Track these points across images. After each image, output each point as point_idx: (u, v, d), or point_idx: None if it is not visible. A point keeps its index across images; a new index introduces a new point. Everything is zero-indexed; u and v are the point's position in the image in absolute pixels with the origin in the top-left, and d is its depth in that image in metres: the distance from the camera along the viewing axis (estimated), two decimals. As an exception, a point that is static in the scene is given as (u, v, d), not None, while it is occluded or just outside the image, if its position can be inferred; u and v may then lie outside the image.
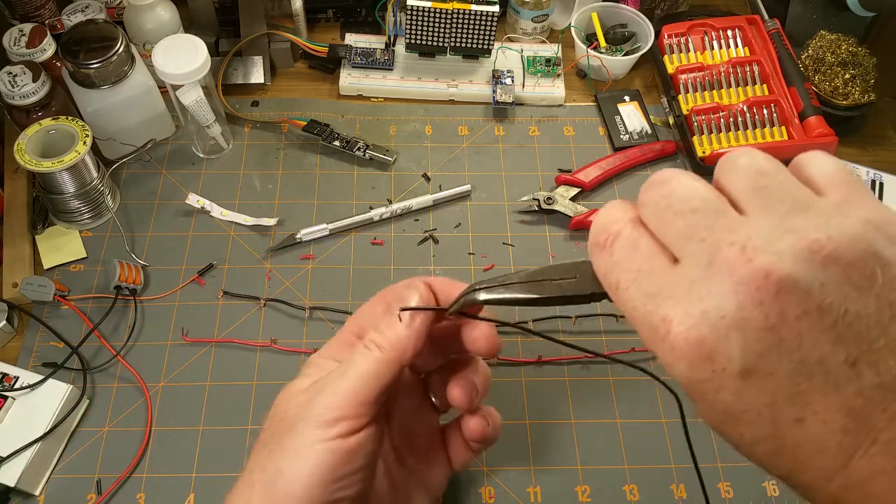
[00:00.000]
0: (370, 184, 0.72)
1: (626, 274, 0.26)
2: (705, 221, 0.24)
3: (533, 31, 0.84)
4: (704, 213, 0.24)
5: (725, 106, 0.73)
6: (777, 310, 0.22)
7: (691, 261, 0.24)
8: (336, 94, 0.80)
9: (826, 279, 0.22)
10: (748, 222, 0.24)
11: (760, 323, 0.22)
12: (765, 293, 0.22)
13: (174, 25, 0.73)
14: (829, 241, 0.22)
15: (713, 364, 0.23)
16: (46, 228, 0.67)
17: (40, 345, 0.61)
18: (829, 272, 0.22)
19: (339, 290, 0.65)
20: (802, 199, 0.24)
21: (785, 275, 0.22)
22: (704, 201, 0.25)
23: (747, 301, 0.22)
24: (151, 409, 0.58)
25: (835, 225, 0.23)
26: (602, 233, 0.27)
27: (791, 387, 0.23)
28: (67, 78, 0.67)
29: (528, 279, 0.32)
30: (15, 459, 0.53)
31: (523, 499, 0.55)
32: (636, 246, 0.26)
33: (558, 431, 0.58)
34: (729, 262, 0.23)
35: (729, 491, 0.56)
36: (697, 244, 0.24)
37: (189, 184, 0.71)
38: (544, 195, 0.70)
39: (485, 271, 0.66)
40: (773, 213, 0.24)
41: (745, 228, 0.23)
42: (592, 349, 0.40)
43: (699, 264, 0.24)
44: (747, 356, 0.23)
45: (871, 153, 0.77)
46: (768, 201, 0.24)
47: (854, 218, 0.23)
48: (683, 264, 0.24)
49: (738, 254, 0.23)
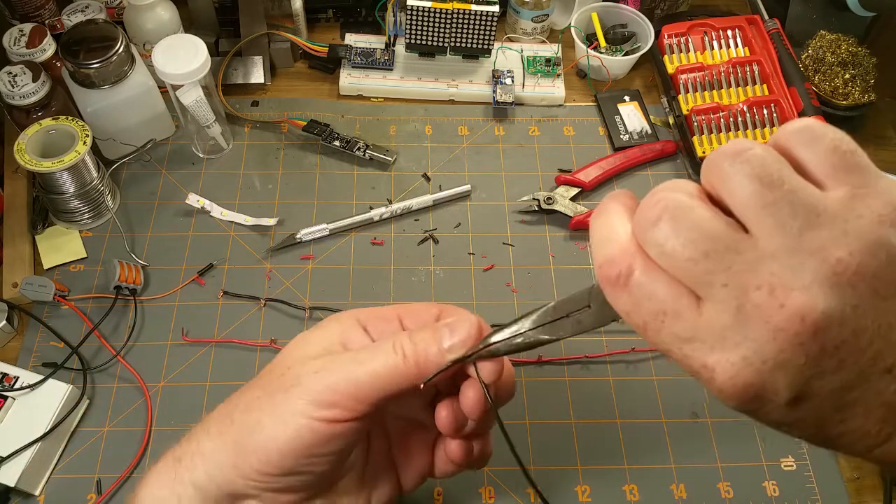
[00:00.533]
0: (370, 184, 0.72)
1: (651, 317, 0.25)
2: (722, 264, 0.24)
3: (533, 31, 0.84)
4: (717, 254, 0.24)
5: (725, 106, 0.73)
6: (817, 346, 0.23)
7: (719, 305, 0.24)
8: (336, 94, 0.80)
9: (857, 300, 0.22)
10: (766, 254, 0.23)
11: (802, 360, 0.23)
12: (803, 336, 0.23)
13: (174, 25, 0.73)
14: (851, 259, 0.22)
15: (762, 400, 0.24)
16: (46, 228, 0.67)
17: (40, 345, 0.61)
18: (858, 291, 0.22)
19: (339, 290, 0.65)
20: (811, 205, 0.23)
21: (819, 314, 0.22)
22: (713, 240, 0.24)
23: (787, 344, 0.23)
24: (151, 409, 0.58)
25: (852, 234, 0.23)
26: (611, 267, 0.26)
27: (836, 400, 0.24)
28: (67, 78, 0.67)
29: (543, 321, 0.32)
30: (15, 459, 0.53)
31: (523, 499, 0.55)
32: (654, 287, 0.25)
33: (558, 431, 0.58)
34: (761, 308, 0.23)
35: (729, 491, 0.56)
36: (720, 289, 0.24)
37: (189, 184, 0.71)
38: (544, 195, 0.70)
39: (485, 271, 0.66)
40: (786, 233, 0.23)
41: (765, 264, 0.23)
42: (592, 349, 0.40)
43: (727, 308, 0.24)
44: (793, 389, 0.23)
45: (871, 153, 0.74)
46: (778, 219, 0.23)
47: (867, 218, 0.23)
48: (711, 308, 0.24)
49: (767, 298, 0.23)
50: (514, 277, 0.66)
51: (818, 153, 0.24)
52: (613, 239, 0.26)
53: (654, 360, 0.62)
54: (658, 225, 0.25)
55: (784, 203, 0.23)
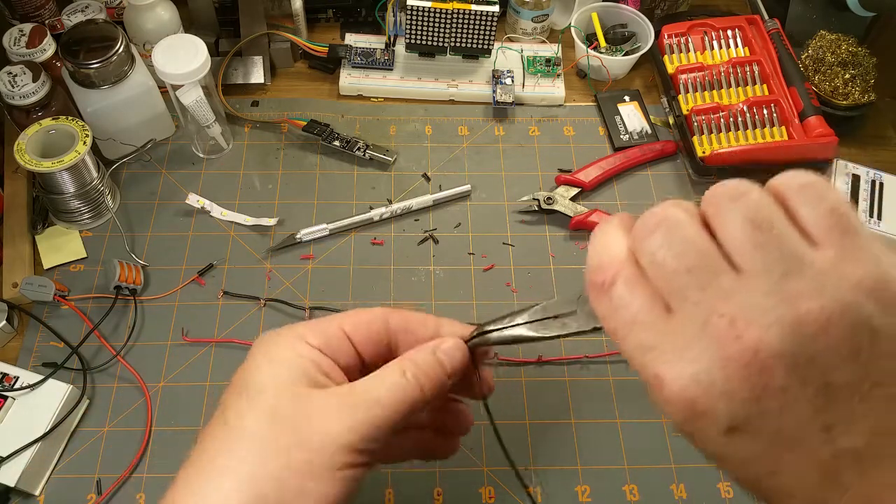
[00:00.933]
0: (370, 184, 0.72)
1: (623, 324, 0.27)
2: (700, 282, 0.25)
3: (533, 31, 0.84)
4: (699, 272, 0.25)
5: (725, 106, 0.73)
6: (763, 383, 0.23)
7: (685, 319, 0.25)
8: (336, 94, 0.80)
9: (813, 352, 0.23)
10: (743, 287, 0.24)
11: (746, 394, 0.24)
12: (752, 370, 0.23)
13: (174, 25, 0.73)
14: (821, 312, 0.23)
15: (702, 420, 0.25)
16: (46, 228, 0.67)
17: (40, 345, 0.61)
18: (817, 344, 0.23)
19: (339, 290, 0.65)
20: (798, 257, 0.24)
21: (772, 352, 0.23)
22: (701, 257, 0.25)
23: (735, 375, 0.24)
24: (151, 409, 0.58)
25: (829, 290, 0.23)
26: (599, 271, 0.28)
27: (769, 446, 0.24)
28: (67, 78, 0.67)
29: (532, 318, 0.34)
30: (15, 459, 0.53)
31: (523, 499, 0.55)
32: (633, 295, 0.27)
33: (558, 431, 0.58)
34: (718, 334, 0.24)
35: (729, 491, 0.56)
36: (692, 305, 0.25)
37: (189, 184, 0.71)
38: (544, 195, 0.70)
39: (485, 271, 0.66)
40: (768, 276, 0.24)
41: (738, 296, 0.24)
42: (592, 349, 0.41)
43: (693, 324, 0.25)
44: (732, 419, 0.24)
45: (871, 153, 0.77)
46: (765, 261, 0.24)
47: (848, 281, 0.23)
48: (677, 320, 0.25)
49: (727, 328, 0.24)
50: (514, 277, 0.66)
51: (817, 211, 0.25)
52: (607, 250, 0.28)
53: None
54: (654, 234, 0.26)
55: (773, 248, 0.24)
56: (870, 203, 0.69)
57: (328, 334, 0.37)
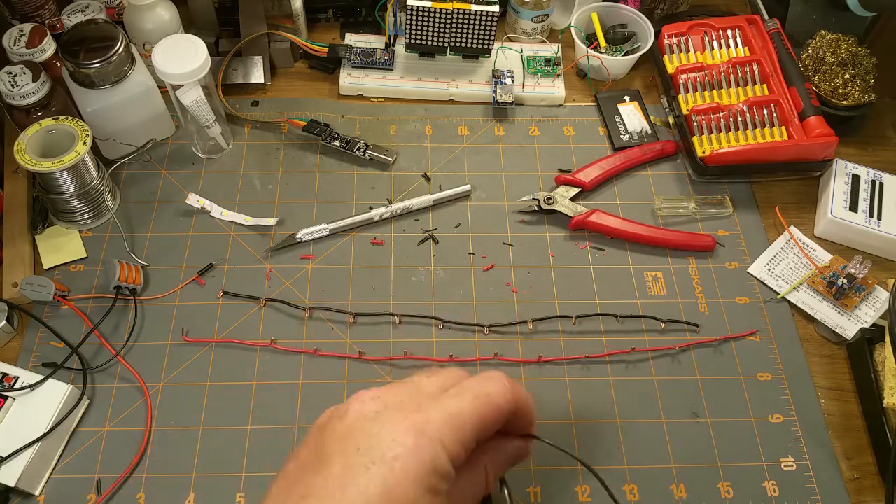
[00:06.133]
0: (370, 184, 0.72)
1: None
2: None
3: (533, 31, 0.84)
4: None
5: (725, 106, 0.73)
6: None
7: None
8: (336, 94, 0.80)
9: None
10: None
11: None
12: None
13: (174, 25, 0.73)
14: None
15: None
16: (46, 228, 0.67)
17: (40, 345, 0.61)
18: None
19: (339, 290, 0.65)
20: None
21: None
22: None
23: None
24: (151, 409, 0.58)
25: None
26: None
27: None
28: (67, 78, 0.67)
29: None
30: (15, 459, 0.53)
31: (523, 498, 0.55)
32: None
33: (558, 431, 0.58)
34: None
35: (729, 491, 0.56)
36: None
37: (189, 184, 0.71)
38: (544, 195, 0.70)
39: (485, 271, 0.66)
40: None
41: None
42: (592, 349, 0.40)
43: None
44: None
45: (871, 153, 0.77)
46: None
47: None
48: None
49: None
50: (514, 277, 0.66)
51: None
52: None
53: (654, 360, 0.62)
54: None
55: None
56: (870, 203, 0.69)
57: (465, 442, 0.34)
